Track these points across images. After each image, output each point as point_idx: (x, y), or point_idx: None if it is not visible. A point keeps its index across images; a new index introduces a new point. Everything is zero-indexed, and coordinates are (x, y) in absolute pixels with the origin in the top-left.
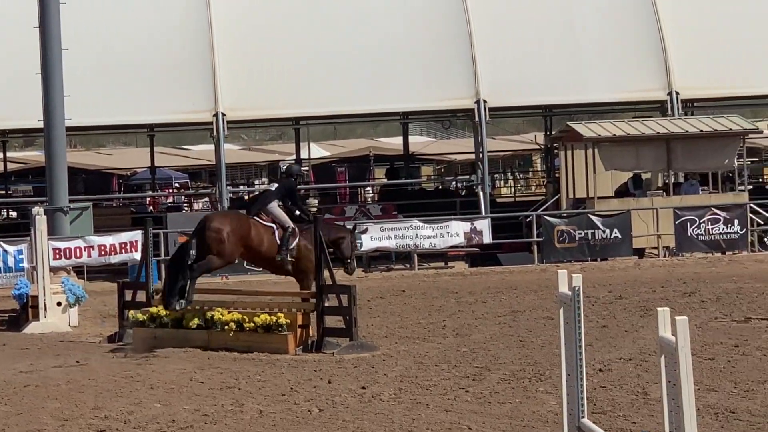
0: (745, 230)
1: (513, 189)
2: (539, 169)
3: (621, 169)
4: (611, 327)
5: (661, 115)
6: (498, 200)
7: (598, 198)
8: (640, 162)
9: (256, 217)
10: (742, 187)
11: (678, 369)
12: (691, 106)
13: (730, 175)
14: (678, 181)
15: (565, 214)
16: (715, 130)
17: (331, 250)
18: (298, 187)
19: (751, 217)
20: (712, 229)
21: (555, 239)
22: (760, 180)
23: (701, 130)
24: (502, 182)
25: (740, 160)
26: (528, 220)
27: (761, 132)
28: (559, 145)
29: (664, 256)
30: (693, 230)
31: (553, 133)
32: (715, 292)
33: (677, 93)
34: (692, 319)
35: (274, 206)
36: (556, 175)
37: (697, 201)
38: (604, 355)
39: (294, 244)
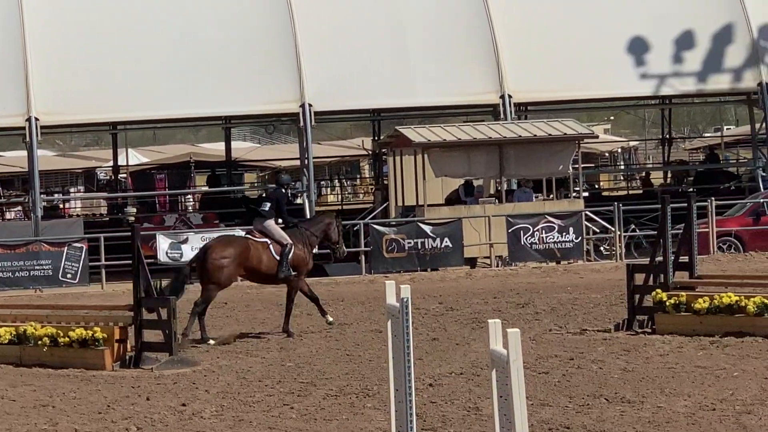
0: (580, 239)
1: (340, 196)
2: (367, 175)
3: (452, 175)
4: (442, 340)
5: (493, 119)
6: (324, 208)
7: (428, 206)
8: (472, 168)
9: (249, 236)
10: (578, 194)
11: (510, 383)
12: (525, 110)
13: (565, 181)
14: (511, 187)
15: (393, 223)
16: (550, 134)
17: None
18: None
19: (586, 225)
20: (546, 237)
21: (383, 249)
22: (597, 186)
23: (535, 135)
24: (328, 189)
25: (575, 165)
26: (355, 228)
27: (597, 136)
28: (388, 151)
29: (497, 266)
30: (526, 239)
31: (382, 138)
32: (549, 303)
33: (510, 96)
34: (525, 331)
35: (271, 224)
36: (385, 182)
37: (530, 208)
38: (435, 369)
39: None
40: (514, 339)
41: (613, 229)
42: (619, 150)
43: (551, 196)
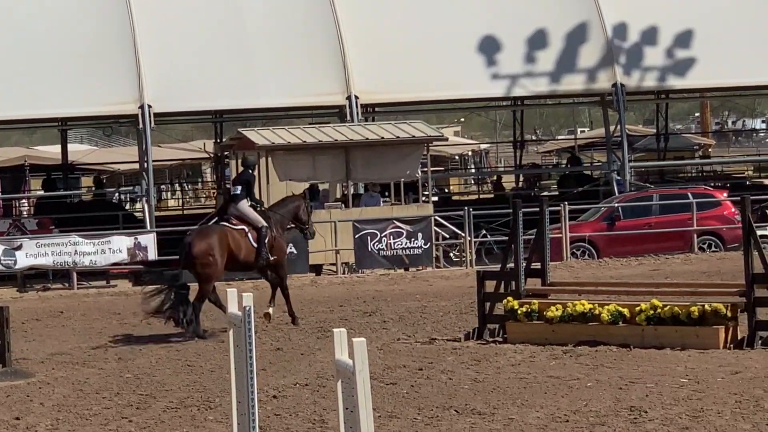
0: (429, 244)
1: (181, 201)
2: (209, 179)
3: (296, 179)
4: (286, 350)
5: (340, 121)
6: (164, 213)
7: None
8: (317, 172)
9: (226, 224)
10: (427, 199)
11: (356, 394)
12: (373, 112)
13: (414, 185)
14: (358, 192)
15: None
16: (398, 137)
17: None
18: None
19: (435, 231)
20: (394, 243)
21: None
22: (446, 190)
23: (382, 138)
24: (169, 194)
25: (424, 169)
26: None
27: (446, 139)
28: (230, 154)
29: (343, 273)
30: (374, 245)
31: (224, 140)
32: (397, 312)
33: (357, 97)
34: (373, 340)
35: (244, 205)
36: (228, 186)
37: (377, 213)
38: (279, 380)
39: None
40: (360, 348)
41: (463, 234)
42: (470, 153)
43: (399, 200)
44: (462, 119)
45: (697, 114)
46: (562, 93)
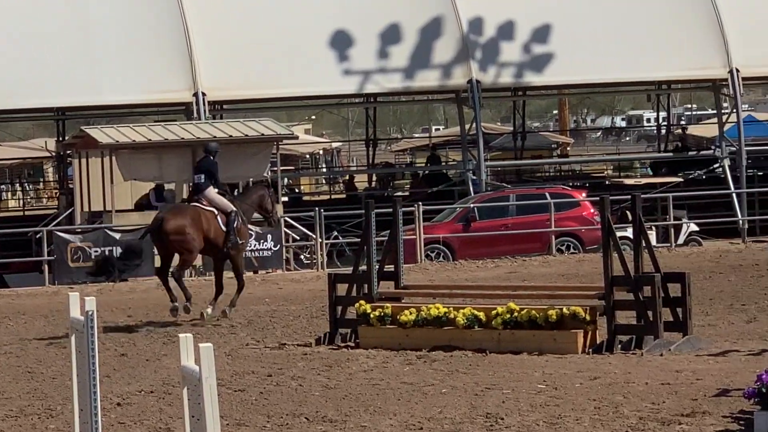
0: (279, 246)
1: (22, 201)
2: (51, 179)
3: (142, 178)
4: (131, 356)
5: (186, 119)
6: (5, 214)
7: (117, 211)
8: (163, 171)
9: (198, 204)
10: (277, 199)
11: (202, 402)
12: (221, 109)
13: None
14: None
15: (79, 230)
16: (246, 135)
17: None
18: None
19: (285, 232)
20: None
21: (68, 257)
22: (297, 191)
23: (230, 136)
24: (9, 194)
25: (274, 168)
26: (38, 236)
27: (297, 137)
28: (73, 153)
29: (192, 276)
30: None
31: (66, 138)
32: (246, 316)
33: (204, 94)
34: (220, 346)
35: (211, 192)
36: (70, 186)
37: None
38: (123, 387)
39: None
40: (206, 354)
41: (314, 236)
42: (321, 152)
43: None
44: (313, 117)
45: (555, 111)
46: (416, 90)
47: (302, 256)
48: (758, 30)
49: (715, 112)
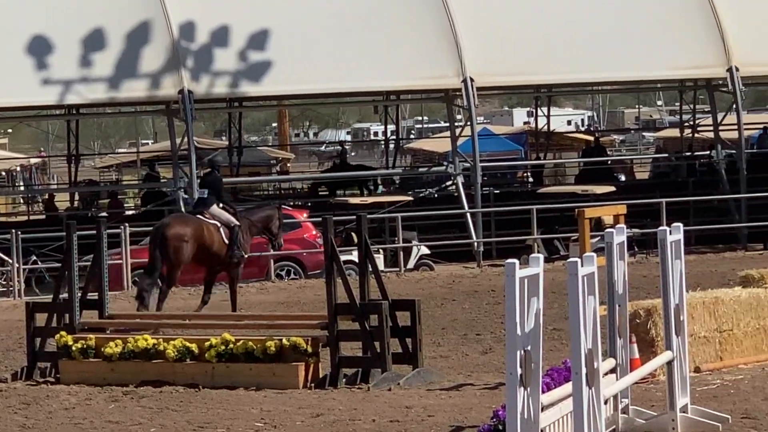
0: None
1: None
2: None
3: None
4: None
5: None
6: None
7: None
8: None
9: (200, 216)
10: None
11: None
12: None
13: None
14: None
15: None
16: None
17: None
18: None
19: None
20: None
21: None
22: None
23: None
24: None
25: None
26: None
27: None
28: None
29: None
30: None
31: None
32: None
33: None
34: None
35: (215, 209)
36: None
37: None
38: None
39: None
40: None
41: (10, 261)
42: (18, 168)
43: None
44: (9, 130)
45: (274, 124)
46: (123, 101)
47: None
48: (491, 37)
49: (448, 124)
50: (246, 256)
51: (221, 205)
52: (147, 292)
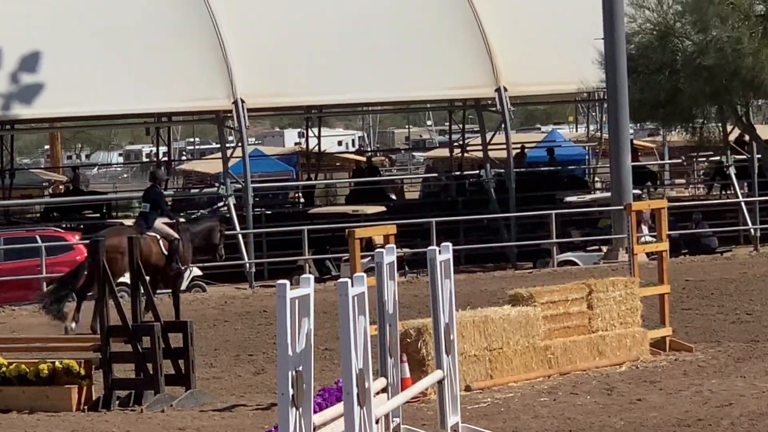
0: None
1: None
2: None
3: None
4: None
5: None
6: None
7: None
8: None
9: (138, 228)
10: None
11: None
12: None
13: None
14: None
15: None
16: None
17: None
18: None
19: None
20: None
21: None
22: None
23: None
24: None
25: None
26: None
27: None
28: None
29: None
30: None
31: None
32: None
33: None
34: None
35: (158, 224)
36: None
37: None
38: None
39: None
40: None
41: None
42: None
43: None
44: None
45: (47, 147)
46: None
47: None
48: (261, 58)
49: (219, 146)
50: (184, 267)
51: (163, 218)
52: (59, 303)
